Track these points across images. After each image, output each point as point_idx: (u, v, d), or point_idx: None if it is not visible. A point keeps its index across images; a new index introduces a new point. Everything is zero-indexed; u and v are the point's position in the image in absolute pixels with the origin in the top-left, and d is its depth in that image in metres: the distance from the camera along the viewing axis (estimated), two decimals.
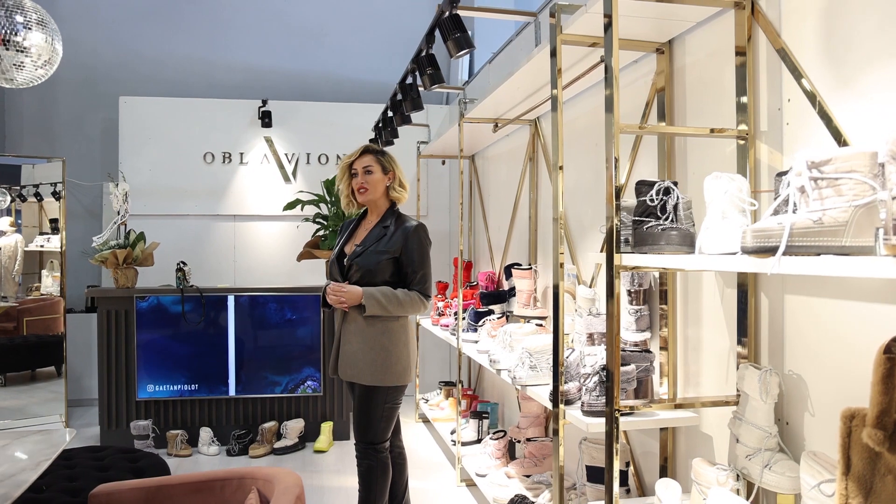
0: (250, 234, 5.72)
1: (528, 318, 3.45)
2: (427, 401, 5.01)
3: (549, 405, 2.38)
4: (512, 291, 3.82)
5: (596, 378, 2.17)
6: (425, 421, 5.07)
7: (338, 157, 5.83)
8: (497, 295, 3.99)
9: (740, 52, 1.92)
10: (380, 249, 2.61)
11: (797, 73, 1.73)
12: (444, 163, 5.33)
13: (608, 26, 1.76)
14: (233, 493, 1.87)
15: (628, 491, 2.47)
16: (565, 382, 2.33)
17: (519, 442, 3.55)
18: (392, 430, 2.72)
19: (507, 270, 3.85)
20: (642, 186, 1.78)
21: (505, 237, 4.31)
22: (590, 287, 2.95)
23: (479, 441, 3.99)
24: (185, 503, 1.87)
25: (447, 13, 2.34)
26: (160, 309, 4.27)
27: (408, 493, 2.87)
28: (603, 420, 2.09)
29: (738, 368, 1.90)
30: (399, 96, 3.67)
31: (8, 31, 1.96)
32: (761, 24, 1.86)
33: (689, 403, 2.08)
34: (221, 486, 1.88)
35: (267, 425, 4.30)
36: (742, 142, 1.90)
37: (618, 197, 1.78)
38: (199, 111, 5.57)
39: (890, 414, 1.25)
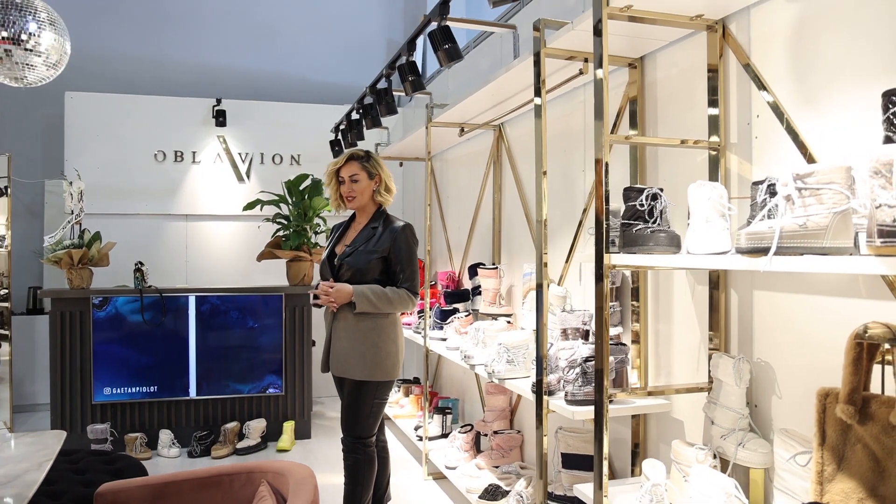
0: (203, 233, 5.64)
1: (495, 316, 3.59)
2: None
3: (531, 396, 2.53)
4: (476, 290, 3.95)
5: (578, 369, 2.33)
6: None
7: (292, 157, 5.83)
8: (460, 294, 4.12)
9: (712, 70, 2.11)
10: (369, 249, 2.69)
11: (766, 92, 1.93)
12: (401, 164, 5.42)
13: (599, 43, 1.91)
14: (241, 487, 1.92)
15: None
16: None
17: (486, 435, 3.69)
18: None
19: (472, 270, 3.97)
20: (630, 192, 1.94)
21: (465, 237, 4.45)
22: (559, 285, 3.12)
23: (444, 436, 4.11)
24: (193, 499, 1.90)
25: (437, 25, 2.45)
26: (118, 310, 4.18)
27: (389, 487, 2.96)
28: (586, 408, 2.26)
29: (709, 358, 2.09)
30: (370, 100, 3.74)
31: (20, 31, 1.93)
32: (731, 45, 2.06)
33: (665, 391, 2.26)
34: (230, 481, 1.92)
35: (229, 426, 4.28)
36: (714, 152, 2.10)
37: (607, 201, 1.93)
38: (150, 109, 5.46)
39: (859, 391, 1.45)
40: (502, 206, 3.90)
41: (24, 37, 1.95)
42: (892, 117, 1.41)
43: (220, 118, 5.46)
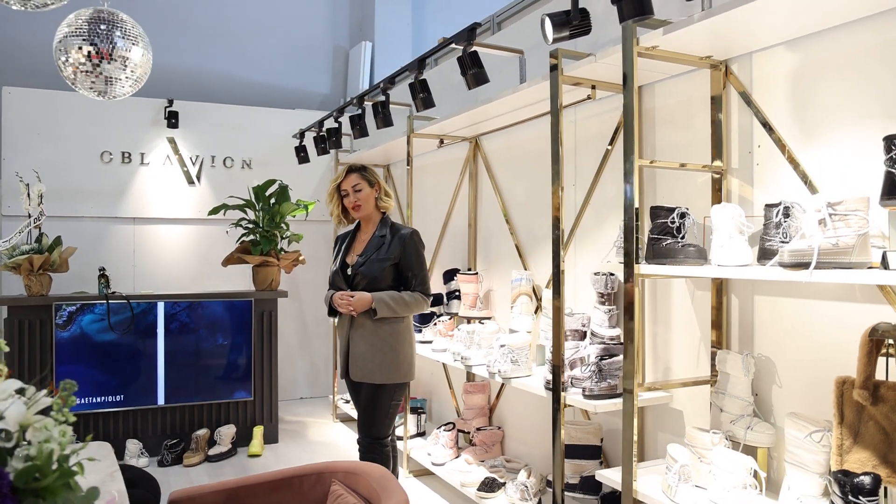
0: (151, 237, 5.47)
1: (479, 319, 3.80)
2: (348, 401, 5.15)
3: (544, 393, 2.76)
4: (452, 294, 4.14)
5: (594, 367, 2.58)
6: (344, 421, 5.23)
7: (243, 161, 5.76)
8: (435, 298, 4.28)
9: (715, 103, 2.42)
10: (381, 258, 2.82)
11: (767, 126, 2.26)
12: None
13: (629, 77, 2.17)
14: (311, 487, 2.01)
15: (601, 462, 2.91)
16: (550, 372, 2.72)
17: (466, 432, 3.89)
18: None
19: (449, 275, 4.16)
20: (660, 211, 2.21)
21: (434, 244, 4.62)
22: (547, 289, 3.37)
23: (419, 435, 4.28)
24: (266, 500, 1.98)
25: (463, 49, 2.62)
26: (83, 329, 4.02)
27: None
28: (605, 402, 2.51)
29: (713, 355, 2.40)
30: (354, 109, 3.84)
31: (111, 46, 1.89)
32: (733, 83, 2.38)
33: (664, 385, 2.56)
34: (300, 482, 2.01)
35: (200, 433, 4.23)
36: (717, 175, 2.41)
37: (637, 218, 2.19)
38: (96, 107, 5.23)
39: (871, 378, 1.78)
40: (478, 215, 4.11)
41: (114, 52, 1.93)
42: (895, 157, 1.74)
43: (172, 119, 5.32)
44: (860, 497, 1.63)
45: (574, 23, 2.02)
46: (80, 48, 1.99)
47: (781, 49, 2.21)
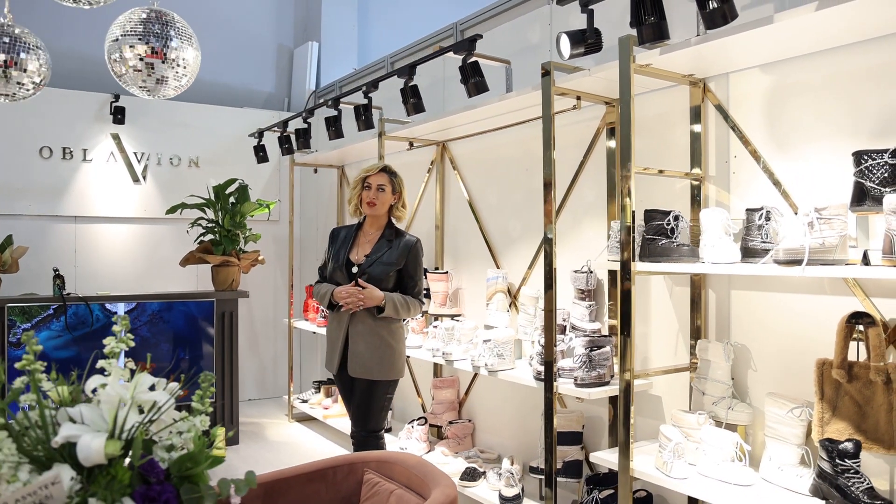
0: (94, 237, 5.25)
1: (451, 316, 3.94)
2: (306, 401, 5.15)
3: (534, 384, 2.94)
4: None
5: (584, 357, 2.78)
6: (301, 420, 5.22)
7: (190, 160, 5.63)
8: None
9: (694, 115, 2.67)
10: (388, 262, 2.92)
11: (743, 138, 2.53)
12: (315, 171, 5.51)
13: (626, 91, 2.38)
14: (344, 477, 2.09)
15: (582, 448, 3.12)
16: (540, 364, 2.91)
17: (437, 427, 4.03)
18: None
19: None
20: (655, 214, 2.43)
21: None
22: (525, 286, 3.56)
23: (386, 431, 4.36)
24: (301, 492, 2.04)
25: (463, 59, 2.75)
26: (38, 322, 3.85)
27: None
28: (597, 389, 2.72)
29: (694, 344, 2.66)
30: (331, 112, 3.88)
31: (164, 46, 1.84)
32: (710, 99, 2.64)
33: (651, 373, 2.78)
34: (333, 473, 2.09)
35: None
36: (696, 182, 2.67)
37: (634, 220, 2.41)
38: (34, 100, 4.93)
39: (847, 359, 2.06)
40: (445, 216, 4.25)
41: (169, 52, 1.90)
42: (864, 170, 2.03)
43: (118, 115, 5.13)
44: (845, 460, 1.90)
45: (589, 41, 2.21)
46: (134, 47, 1.96)
47: (756, 71, 2.49)
